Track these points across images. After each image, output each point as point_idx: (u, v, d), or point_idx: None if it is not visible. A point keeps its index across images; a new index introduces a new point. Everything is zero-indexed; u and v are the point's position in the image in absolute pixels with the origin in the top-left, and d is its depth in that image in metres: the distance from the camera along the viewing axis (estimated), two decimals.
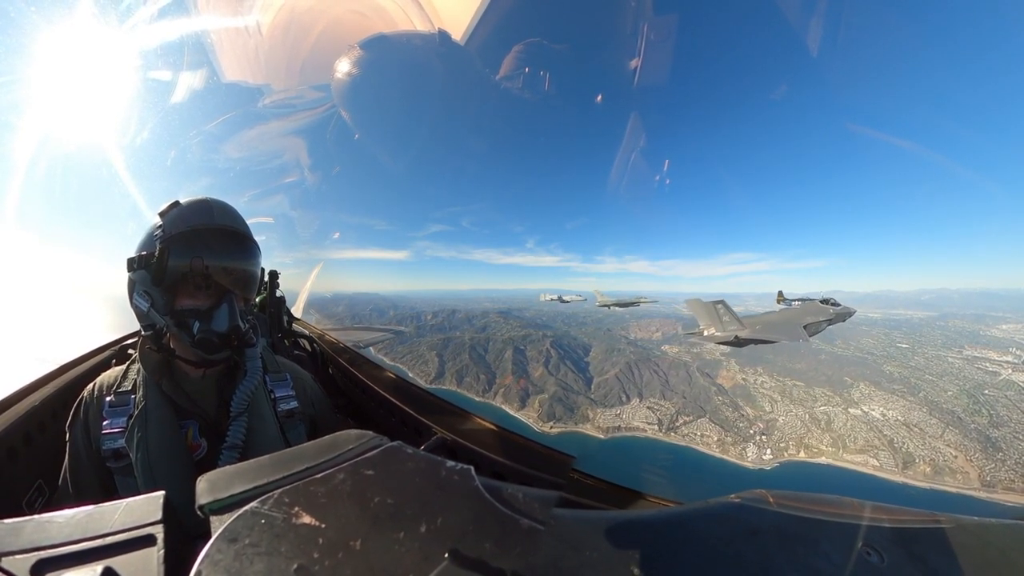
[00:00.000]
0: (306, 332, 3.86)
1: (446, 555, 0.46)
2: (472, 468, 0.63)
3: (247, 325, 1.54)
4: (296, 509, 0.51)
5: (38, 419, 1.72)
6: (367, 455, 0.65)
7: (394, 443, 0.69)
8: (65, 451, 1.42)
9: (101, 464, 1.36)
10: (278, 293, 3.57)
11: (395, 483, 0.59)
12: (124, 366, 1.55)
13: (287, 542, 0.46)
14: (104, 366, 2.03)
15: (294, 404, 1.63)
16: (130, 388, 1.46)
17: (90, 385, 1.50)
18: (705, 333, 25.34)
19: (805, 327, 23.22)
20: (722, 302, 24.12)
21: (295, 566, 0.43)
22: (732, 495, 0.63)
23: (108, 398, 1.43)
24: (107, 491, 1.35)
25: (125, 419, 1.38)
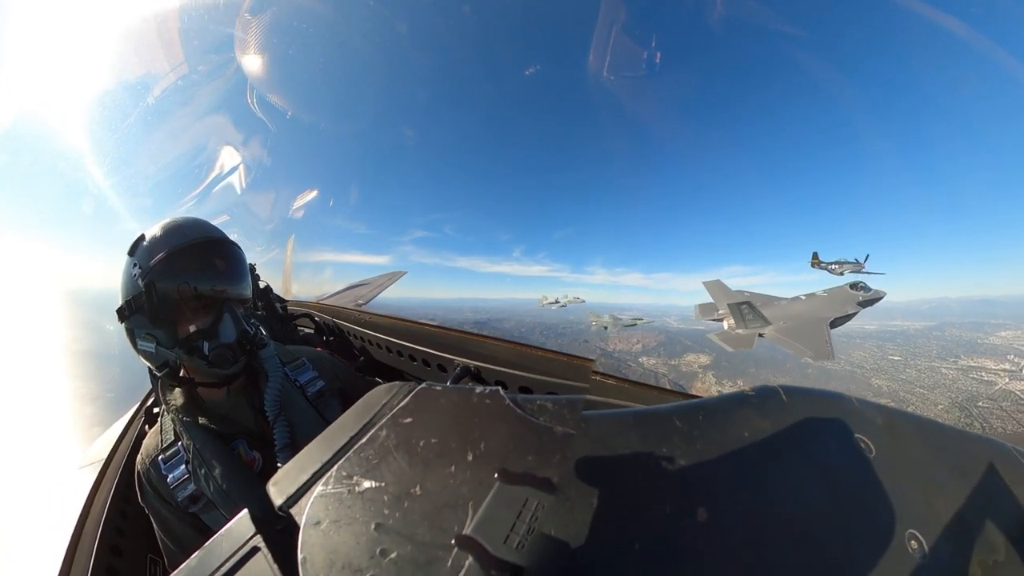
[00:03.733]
0: (303, 310, 3.89)
1: (496, 476, 0.52)
2: (499, 388, 0.68)
3: (253, 328, 1.55)
4: (356, 478, 0.56)
5: (118, 510, 1.85)
6: (401, 404, 0.68)
7: (422, 384, 0.72)
8: (151, 521, 1.53)
9: (186, 514, 1.46)
10: (261, 284, 3.53)
11: (433, 422, 0.64)
12: (157, 424, 1.61)
13: (359, 509, 0.52)
14: (141, 435, 2.12)
15: (321, 384, 1.71)
16: (173, 438, 1.52)
17: (138, 457, 1.57)
18: (725, 326, 23.37)
19: (832, 322, 20.84)
20: (747, 303, 21.82)
21: (374, 526, 0.50)
22: (747, 388, 0.69)
23: (160, 457, 1.50)
24: (202, 531, 1.48)
25: (184, 466, 1.46)
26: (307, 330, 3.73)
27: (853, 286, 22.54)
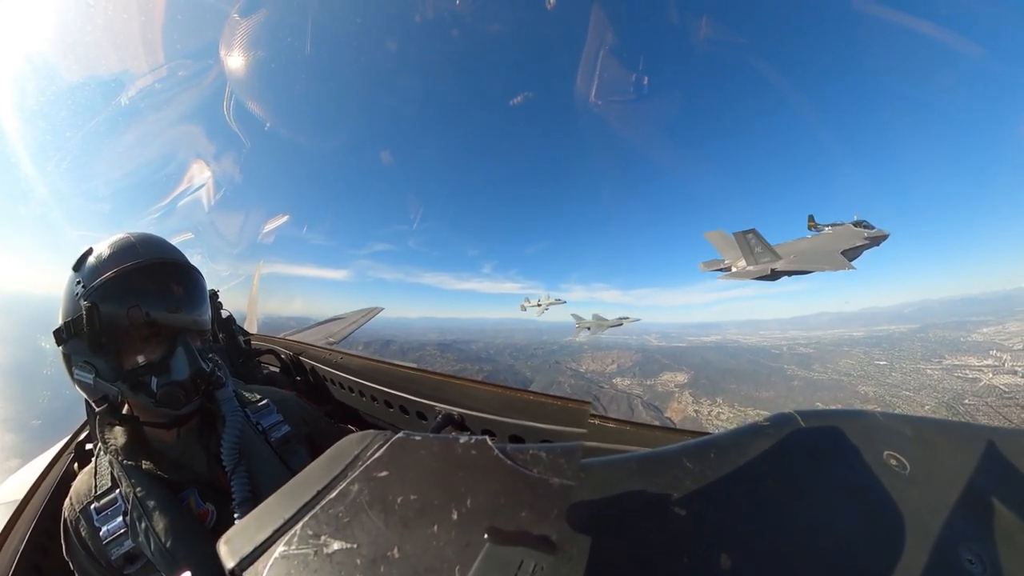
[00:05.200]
0: (268, 346, 3.76)
1: (485, 535, 0.49)
2: (487, 437, 0.64)
3: (211, 364, 1.46)
4: (323, 538, 0.52)
5: (31, 563, 1.65)
6: (376, 455, 0.64)
7: (399, 434, 0.68)
8: None
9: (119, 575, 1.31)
10: (223, 314, 3.42)
11: (412, 476, 0.60)
12: (91, 464, 1.47)
13: (327, 573, 0.48)
14: (69, 476, 1.92)
15: (286, 429, 1.62)
16: (109, 484, 1.38)
17: (66, 502, 1.41)
18: (733, 268, 23.90)
19: (843, 253, 21.94)
20: (753, 231, 22.30)
21: None
22: (760, 418, 0.68)
23: (93, 506, 1.35)
24: None
25: (121, 518, 1.32)
26: (272, 368, 3.60)
27: (857, 224, 23.10)
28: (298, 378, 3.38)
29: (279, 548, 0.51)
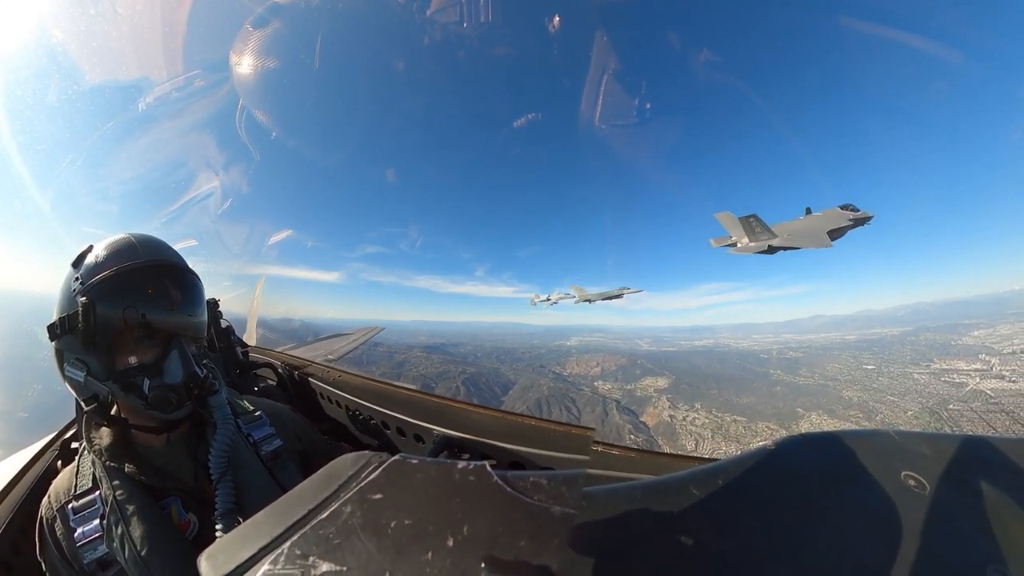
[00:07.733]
0: (266, 359, 3.78)
1: (482, 565, 0.48)
2: (486, 463, 0.64)
3: (205, 370, 1.48)
4: (312, 559, 0.51)
5: (1, 560, 1.65)
6: (371, 477, 0.64)
7: (396, 456, 0.68)
8: None
9: None
10: (223, 323, 3.46)
11: (408, 500, 0.59)
12: (74, 463, 1.48)
13: None
14: (50, 473, 1.93)
15: (278, 443, 1.62)
16: (90, 485, 1.39)
17: (44, 499, 1.42)
18: (739, 244, 29.80)
19: (829, 232, 27.58)
20: (754, 216, 28.54)
21: None
22: (768, 441, 0.67)
23: (70, 505, 1.36)
24: None
25: (98, 521, 1.32)
26: (269, 382, 3.61)
27: (844, 207, 28.46)
28: (294, 393, 3.39)
29: (264, 566, 0.51)
